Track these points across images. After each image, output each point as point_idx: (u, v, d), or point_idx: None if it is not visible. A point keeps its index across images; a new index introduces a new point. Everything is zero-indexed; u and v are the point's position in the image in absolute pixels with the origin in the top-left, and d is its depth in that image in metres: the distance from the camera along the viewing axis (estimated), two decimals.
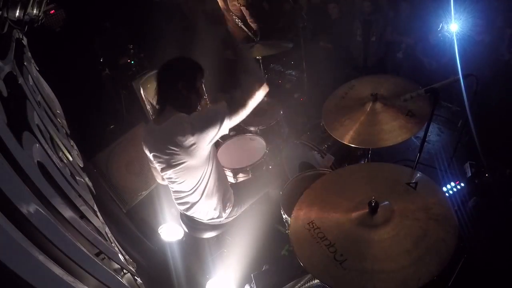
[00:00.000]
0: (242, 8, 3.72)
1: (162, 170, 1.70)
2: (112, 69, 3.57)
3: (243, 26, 3.83)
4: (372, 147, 1.70)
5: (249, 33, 3.83)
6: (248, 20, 3.81)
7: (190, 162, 1.60)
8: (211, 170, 1.71)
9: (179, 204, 1.87)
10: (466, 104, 1.78)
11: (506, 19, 3.21)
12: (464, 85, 1.57)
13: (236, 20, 3.81)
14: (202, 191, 1.74)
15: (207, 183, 1.72)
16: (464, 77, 1.52)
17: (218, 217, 1.87)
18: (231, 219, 1.95)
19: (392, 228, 1.16)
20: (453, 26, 3.09)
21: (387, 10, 4.15)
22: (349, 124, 1.72)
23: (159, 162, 1.67)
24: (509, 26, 3.17)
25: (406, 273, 1.02)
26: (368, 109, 1.73)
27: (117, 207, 2.51)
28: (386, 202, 1.22)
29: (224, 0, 3.81)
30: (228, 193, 1.90)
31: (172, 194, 1.87)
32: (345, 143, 1.67)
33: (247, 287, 1.92)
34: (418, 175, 1.34)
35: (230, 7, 3.79)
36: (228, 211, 1.89)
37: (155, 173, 1.90)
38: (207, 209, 1.81)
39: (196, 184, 1.70)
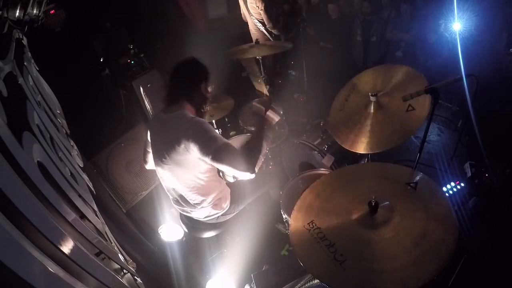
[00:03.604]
0: (260, 11, 3.69)
1: (156, 157, 1.72)
2: (112, 69, 3.57)
3: (264, 30, 3.82)
4: (386, 148, 1.69)
5: (270, 38, 3.82)
6: (267, 25, 3.77)
7: (179, 157, 1.60)
8: (204, 169, 1.69)
9: (175, 203, 1.87)
10: (469, 103, 1.78)
11: (506, 19, 3.21)
12: (465, 85, 1.57)
13: (257, 24, 3.80)
14: (195, 189, 1.73)
15: (199, 181, 1.71)
16: (465, 77, 1.52)
17: (215, 214, 1.87)
18: (229, 216, 1.95)
19: (392, 228, 1.16)
20: (456, 25, 3.09)
21: (390, 10, 4.15)
22: (359, 132, 1.74)
23: (156, 149, 1.71)
24: (509, 26, 3.17)
25: (406, 273, 1.02)
26: (371, 111, 1.74)
27: (117, 207, 2.51)
28: (386, 202, 1.22)
29: (245, 3, 3.79)
30: (223, 190, 1.89)
31: (169, 194, 1.88)
32: (363, 152, 1.69)
33: (247, 287, 1.92)
34: (419, 175, 1.34)
35: (250, 9, 3.77)
36: (225, 207, 1.88)
37: (144, 157, 1.93)
38: (202, 208, 1.81)
39: (188, 179, 1.70)
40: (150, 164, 1.93)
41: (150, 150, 1.84)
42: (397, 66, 1.86)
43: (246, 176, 1.55)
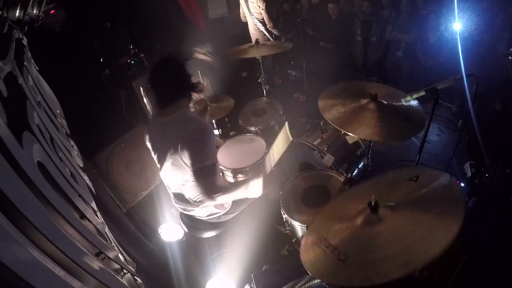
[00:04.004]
0: (262, 11, 3.69)
1: (159, 162, 1.72)
2: (112, 69, 3.57)
3: (264, 31, 3.82)
4: (364, 138, 1.70)
5: (270, 38, 3.82)
6: (268, 25, 3.77)
7: (181, 159, 1.61)
8: None
9: (176, 202, 1.87)
10: (469, 103, 1.79)
11: (506, 19, 3.21)
12: (465, 85, 1.58)
13: (258, 24, 3.79)
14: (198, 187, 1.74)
15: None
16: (465, 77, 1.53)
17: (217, 213, 1.87)
18: (230, 216, 1.95)
19: (394, 218, 1.16)
20: (456, 25, 3.09)
21: (390, 10, 4.15)
22: (343, 111, 1.73)
23: (157, 154, 1.70)
24: (510, 26, 3.17)
25: (411, 253, 1.00)
26: (365, 105, 1.74)
27: (117, 207, 2.51)
28: (386, 200, 1.22)
29: (246, 3, 3.79)
30: None
31: (171, 194, 1.88)
32: (333, 125, 1.69)
33: (247, 287, 1.92)
34: (419, 169, 1.34)
35: (251, 9, 3.76)
36: (227, 206, 1.89)
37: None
38: (204, 206, 1.81)
39: (191, 180, 1.70)
40: None
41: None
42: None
43: (205, 199, 1.66)
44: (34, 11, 1.85)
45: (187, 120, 1.59)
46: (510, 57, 3.05)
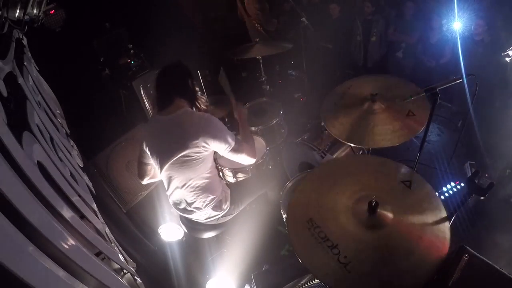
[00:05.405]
0: (258, 12, 3.69)
1: (162, 161, 1.70)
2: (112, 69, 3.57)
3: (262, 31, 3.81)
4: (372, 147, 1.70)
5: (268, 37, 3.82)
6: (264, 26, 3.78)
7: (189, 156, 1.63)
8: (208, 169, 1.75)
9: (175, 206, 1.87)
10: (469, 103, 1.78)
11: (505, 19, 3.21)
12: (464, 85, 1.58)
13: (256, 24, 3.79)
14: (198, 189, 1.75)
15: (202, 181, 1.74)
16: (465, 76, 1.53)
17: (215, 216, 1.87)
18: (229, 217, 1.95)
19: (390, 228, 1.16)
20: (456, 25, 3.09)
21: (389, 9, 4.14)
22: (347, 122, 1.73)
23: (160, 153, 1.69)
24: (509, 25, 3.17)
25: (411, 269, 1.02)
26: (368, 109, 1.73)
27: (117, 207, 2.51)
28: (385, 202, 1.22)
29: (242, 5, 3.79)
30: (224, 191, 1.91)
31: (169, 197, 1.88)
32: (342, 141, 1.69)
33: (247, 287, 1.92)
34: (412, 173, 1.35)
35: (247, 11, 3.77)
36: (225, 208, 1.89)
37: (140, 171, 1.91)
38: (202, 209, 1.81)
39: (191, 179, 1.72)
40: (148, 177, 1.91)
41: (148, 162, 1.82)
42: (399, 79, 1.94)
43: (252, 161, 1.87)
44: (34, 11, 1.85)
45: (192, 114, 1.68)
46: (507, 59, 3.05)
